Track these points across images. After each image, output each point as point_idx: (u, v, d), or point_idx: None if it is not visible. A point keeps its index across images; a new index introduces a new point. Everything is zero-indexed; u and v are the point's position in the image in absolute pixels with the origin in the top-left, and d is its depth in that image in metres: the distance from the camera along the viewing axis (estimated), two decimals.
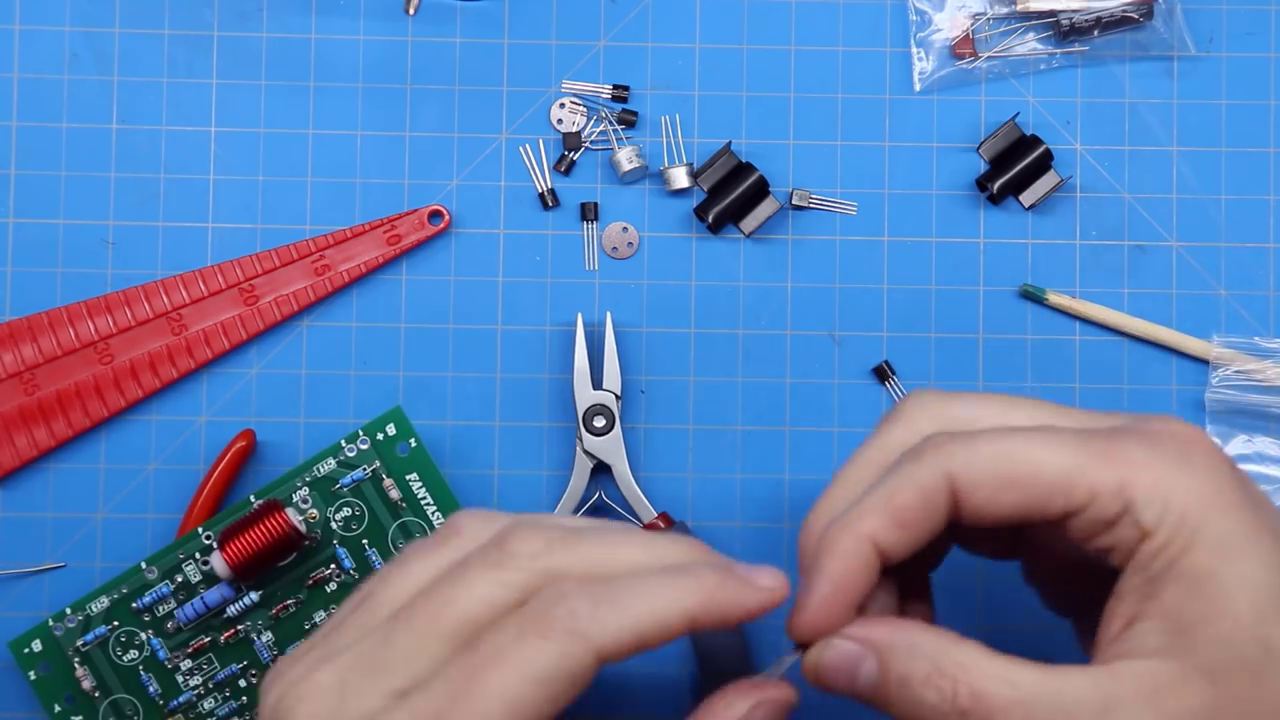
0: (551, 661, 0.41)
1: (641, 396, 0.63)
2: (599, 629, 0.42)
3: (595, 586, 0.42)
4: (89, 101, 0.63)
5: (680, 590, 0.42)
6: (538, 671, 0.41)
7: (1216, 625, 0.41)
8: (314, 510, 0.60)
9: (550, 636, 0.41)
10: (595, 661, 0.41)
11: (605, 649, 0.41)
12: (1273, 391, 0.62)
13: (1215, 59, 0.64)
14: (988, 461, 0.43)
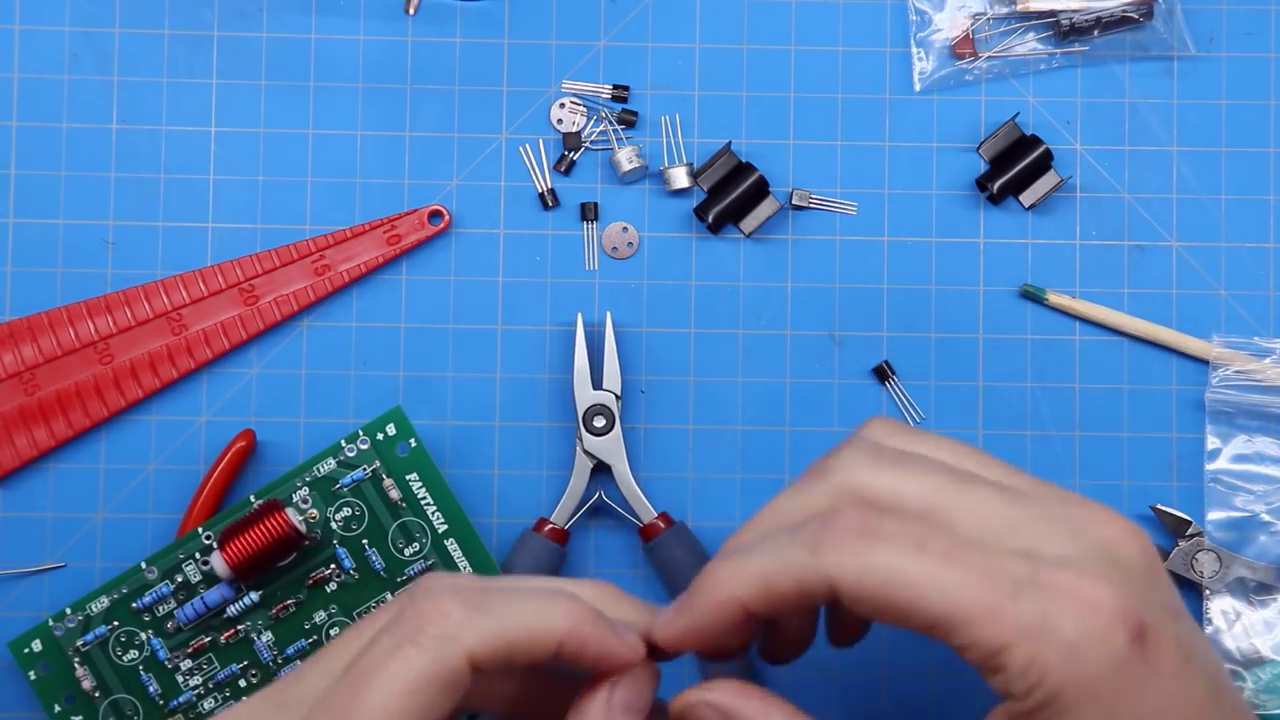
0: (425, 669, 0.42)
1: (641, 396, 0.63)
2: (471, 634, 0.42)
3: (469, 593, 0.43)
4: (89, 101, 0.63)
5: (554, 613, 0.44)
6: (411, 681, 0.42)
7: None
8: (314, 510, 0.60)
9: (421, 643, 0.42)
10: (468, 666, 0.42)
11: (477, 653, 0.42)
12: (1273, 391, 0.62)
13: (1215, 59, 0.64)
14: (875, 585, 0.41)
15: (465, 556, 0.60)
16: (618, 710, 0.45)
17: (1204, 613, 0.62)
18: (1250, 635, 0.61)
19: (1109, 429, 0.63)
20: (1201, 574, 0.61)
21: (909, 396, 0.63)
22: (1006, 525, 0.42)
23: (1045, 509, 0.43)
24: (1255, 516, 0.62)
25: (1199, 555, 0.61)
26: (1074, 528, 0.42)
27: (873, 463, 0.44)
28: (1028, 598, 0.40)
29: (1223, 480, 0.62)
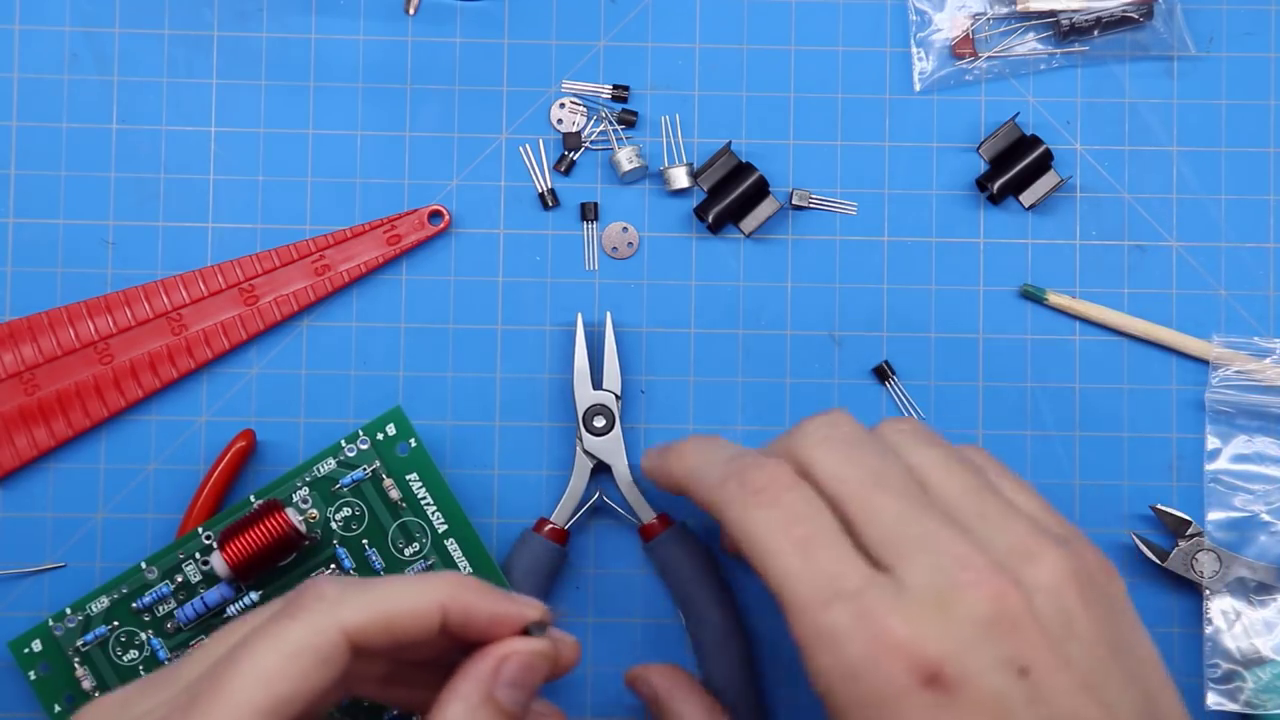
0: (299, 635, 0.43)
1: (641, 396, 0.63)
2: (346, 608, 0.44)
3: (352, 580, 0.45)
4: (89, 101, 0.63)
5: (431, 583, 0.46)
6: (286, 646, 0.43)
7: None
8: (314, 510, 0.60)
9: (298, 616, 0.43)
10: (343, 639, 0.43)
11: (351, 625, 0.43)
12: (1273, 391, 0.62)
13: (1215, 59, 0.64)
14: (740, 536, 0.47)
15: (465, 556, 0.60)
16: (503, 683, 0.45)
17: (1204, 613, 0.62)
18: (1250, 635, 0.61)
19: (1109, 429, 0.63)
20: (1201, 574, 0.61)
21: (909, 396, 0.63)
22: (887, 535, 0.45)
23: (934, 533, 0.44)
24: (1255, 516, 0.62)
25: (1199, 555, 0.61)
26: (940, 560, 0.43)
27: (823, 439, 0.48)
28: (838, 611, 0.43)
29: (1223, 480, 0.62)
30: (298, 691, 0.42)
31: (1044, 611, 0.43)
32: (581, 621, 0.62)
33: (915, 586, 0.43)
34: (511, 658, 0.46)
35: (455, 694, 0.45)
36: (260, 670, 0.42)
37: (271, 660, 0.42)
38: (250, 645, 0.43)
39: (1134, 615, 0.47)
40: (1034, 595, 0.43)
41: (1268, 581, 0.61)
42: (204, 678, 0.43)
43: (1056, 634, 0.43)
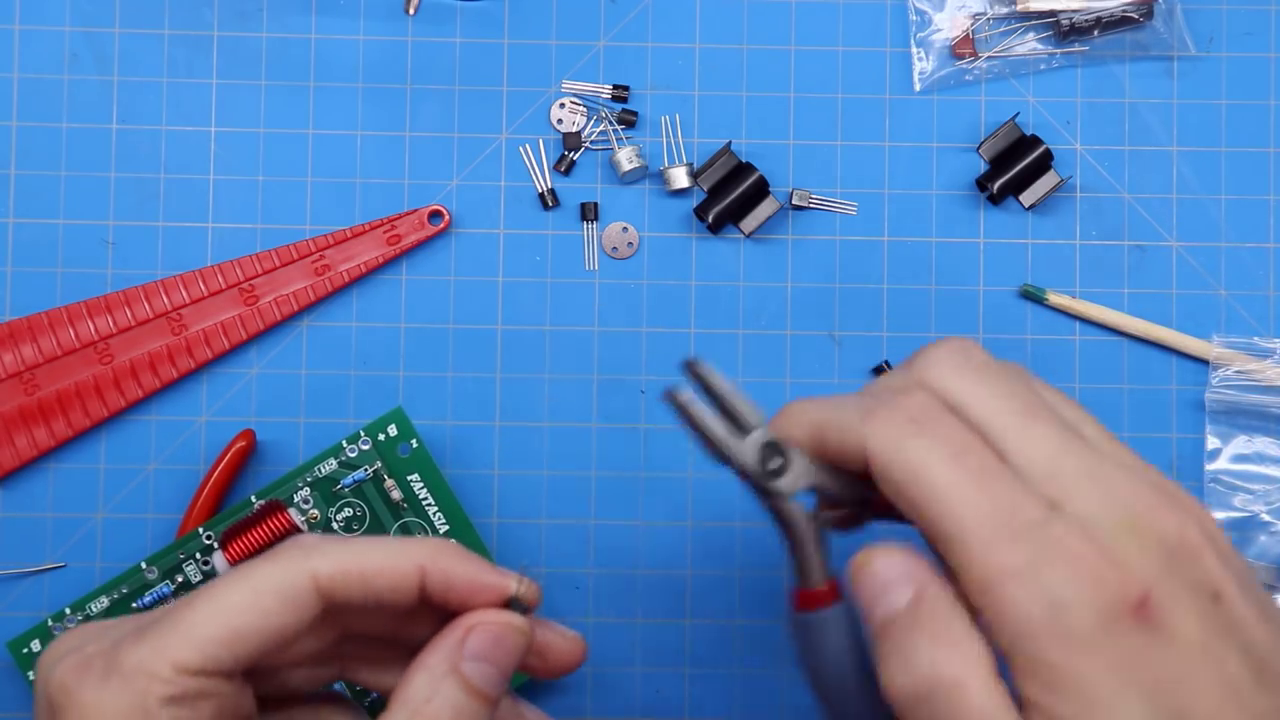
0: (267, 574, 0.43)
1: (641, 396, 0.63)
2: (321, 556, 0.43)
3: (333, 535, 0.45)
4: (89, 101, 0.63)
5: (413, 544, 0.45)
6: (253, 583, 0.42)
7: None
8: (315, 510, 0.60)
9: (272, 559, 0.43)
10: (313, 583, 0.43)
11: (323, 570, 0.43)
12: (1273, 391, 0.62)
13: (1215, 59, 0.64)
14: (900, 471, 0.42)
15: None
16: (470, 655, 0.44)
17: None
18: None
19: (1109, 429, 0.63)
20: None
21: None
22: (1050, 467, 0.42)
23: (1095, 464, 0.42)
24: (1255, 516, 0.62)
25: None
26: (1112, 490, 0.41)
27: (958, 365, 0.44)
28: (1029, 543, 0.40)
29: (1223, 480, 0.62)
30: (255, 628, 0.42)
31: (1207, 533, 0.41)
32: (582, 622, 0.62)
33: (1098, 517, 0.40)
34: (478, 628, 0.44)
35: (421, 664, 0.44)
36: (222, 602, 0.42)
37: (235, 595, 0.42)
38: (220, 581, 0.43)
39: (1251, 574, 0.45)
40: (1201, 525, 0.41)
41: (1268, 581, 0.61)
42: (174, 607, 0.43)
43: (1231, 563, 0.41)
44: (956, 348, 0.45)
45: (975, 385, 0.43)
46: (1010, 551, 0.40)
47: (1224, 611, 0.40)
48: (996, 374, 0.44)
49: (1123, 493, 0.41)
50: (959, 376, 0.44)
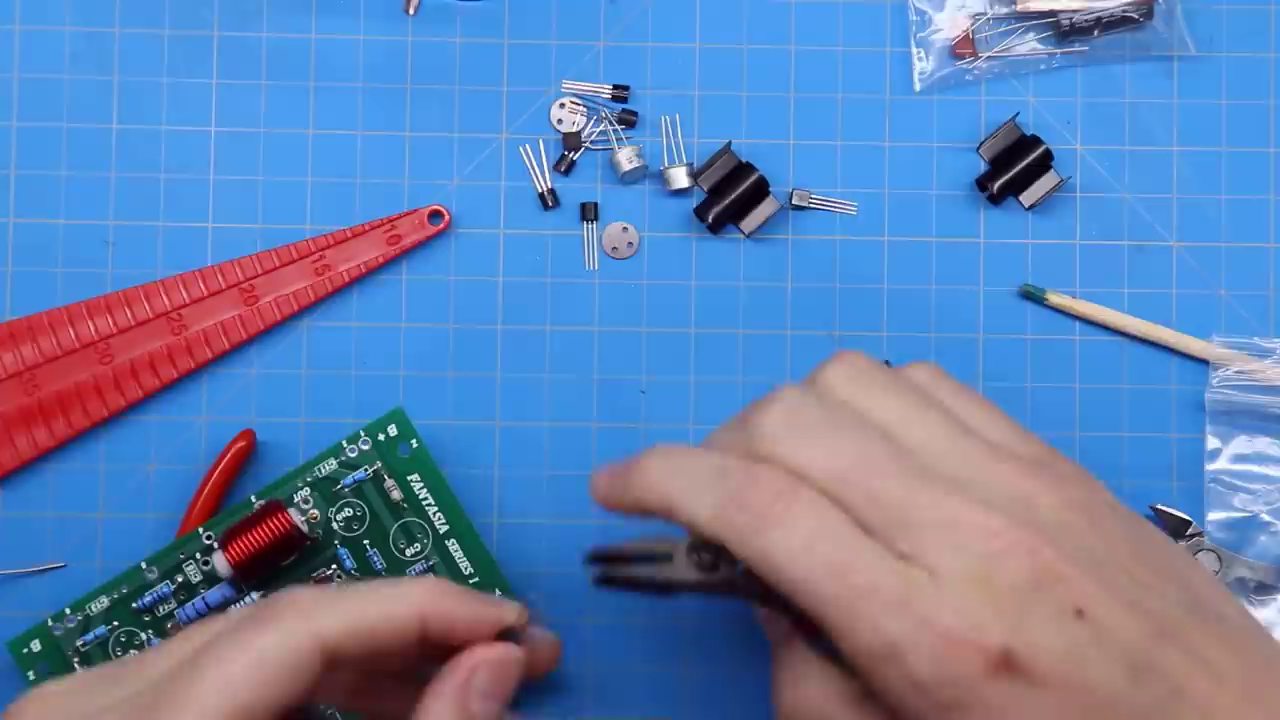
0: (270, 643, 0.42)
1: (642, 396, 0.63)
2: (321, 616, 0.43)
3: (325, 589, 0.44)
4: (89, 101, 0.63)
5: (410, 590, 0.44)
6: (256, 655, 0.42)
7: None
8: (315, 510, 0.60)
9: (270, 623, 0.42)
10: (317, 647, 0.42)
11: (327, 633, 0.42)
12: (1273, 391, 0.62)
13: (1215, 59, 0.64)
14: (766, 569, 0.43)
15: (466, 557, 0.60)
16: (476, 695, 0.45)
17: None
18: None
19: (1109, 429, 0.63)
20: None
21: None
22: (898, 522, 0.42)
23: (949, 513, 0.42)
24: (1255, 516, 0.62)
25: (1199, 555, 0.61)
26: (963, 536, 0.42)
27: (790, 427, 0.44)
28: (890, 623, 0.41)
29: (1223, 480, 0.62)
30: (263, 701, 0.41)
31: (1068, 549, 0.42)
32: (581, 622, 0.62)
33: (952, 571, 0.41)
34: (483, 667, 0.45)
35: (430, 709, 0.44)
36: (226, 677, 0.41)
37: (238, 669, 0.41)
38: (217, 650, 0.42)
39: (1124, 507, 0.45)
40: (1052, 533, 0.42)
41: (1268, 581, 0.61)
42: (168, 678, 0.42)
43: (1088, 566, 0.41)
44: (782, 408, 0.45)
45: (810, 449, 0.44)
46: (874, 635, 0.41)
47: (1090, 625, 0.41)
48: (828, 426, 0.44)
49: (974, 536, 0.41)
50: (795, 441, 0.44)
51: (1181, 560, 0.44)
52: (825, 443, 0.44)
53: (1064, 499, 0.43)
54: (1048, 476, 0.44)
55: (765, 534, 0.42)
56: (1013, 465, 0.44)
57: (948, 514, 0.42)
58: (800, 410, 0.45)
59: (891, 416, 0.45)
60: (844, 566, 0.42)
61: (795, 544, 0.42)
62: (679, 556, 0.45)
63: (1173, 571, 0.43)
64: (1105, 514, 0.43)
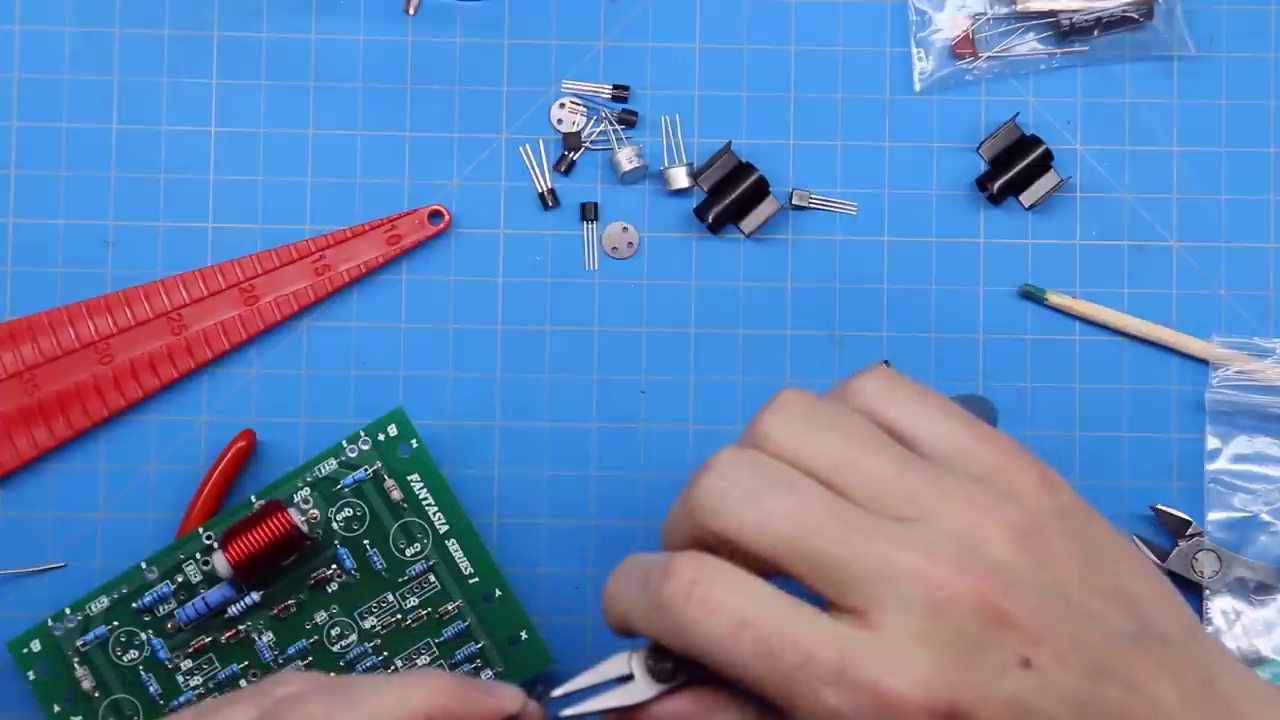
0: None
1: (642, 396, 0.63)
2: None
3: (332, 690, 0.43)
4: (89, 101, 0.63)
5: (413, 690, 0.44)
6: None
7: None
8: (315, 510, 0.60)
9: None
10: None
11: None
12: (1273, 391, 0.62)
13: (1215, 59, 0.64)
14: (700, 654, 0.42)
15: (466, 557, 0.60)
16: None
17: (1204, 613, 0.62)
18: (1250, 635, 0.61)
19: (1109, 429, 0.63)
20: (1201, 574, 0.61)
21: None
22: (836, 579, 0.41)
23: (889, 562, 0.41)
24: (1255, 516, 0.62)
25: (1199, 555, 0.61)
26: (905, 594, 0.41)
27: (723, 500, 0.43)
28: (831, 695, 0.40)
29: (1223, 480, 0.62)
30: None
31: (1015, 591, 0.41)
32: (581, 622, 0.62)
33: (893, 628, 0.40)
34: None
35: None
36: None
37: None
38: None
39: (1076, 507, 0.44)
40: (998, 576, 0.41)
41: (1268, 581, 0.61)
42: None
43: (1035, 604, 0.41)
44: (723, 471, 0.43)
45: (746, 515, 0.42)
46: (817, 707, 0.40)
47: (1035, 673, 0.40)
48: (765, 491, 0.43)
49: (917, 587, 0.41)
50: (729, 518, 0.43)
51: (1130, 571, 0.44)
52: (760, 509, 0.42)
53: (1013, 530, 0.42)
54: (997, 501, 0.42)
55: (690, 626, 0.41)
56: (961, 495, 0.42)
57: (890, 566, 0.41)
58: (733, 476, 0.43)
59: (832, 460, 0.43)
60: (774, 644, 0.41)
61: (721, 630, 0.41)
62: (639, 671, 0.44)
63: (1119, 592, 0.43)
64: (1055, 538, 0.42)
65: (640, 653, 0.44)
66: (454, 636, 0.60)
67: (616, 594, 0.44)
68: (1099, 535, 0.44)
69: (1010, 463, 0.44)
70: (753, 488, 0.43)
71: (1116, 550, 0.44)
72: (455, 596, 0.60)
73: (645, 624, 0.43)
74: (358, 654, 0.60)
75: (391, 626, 0.60)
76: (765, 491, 0.43)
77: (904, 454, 0.44)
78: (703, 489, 0.43)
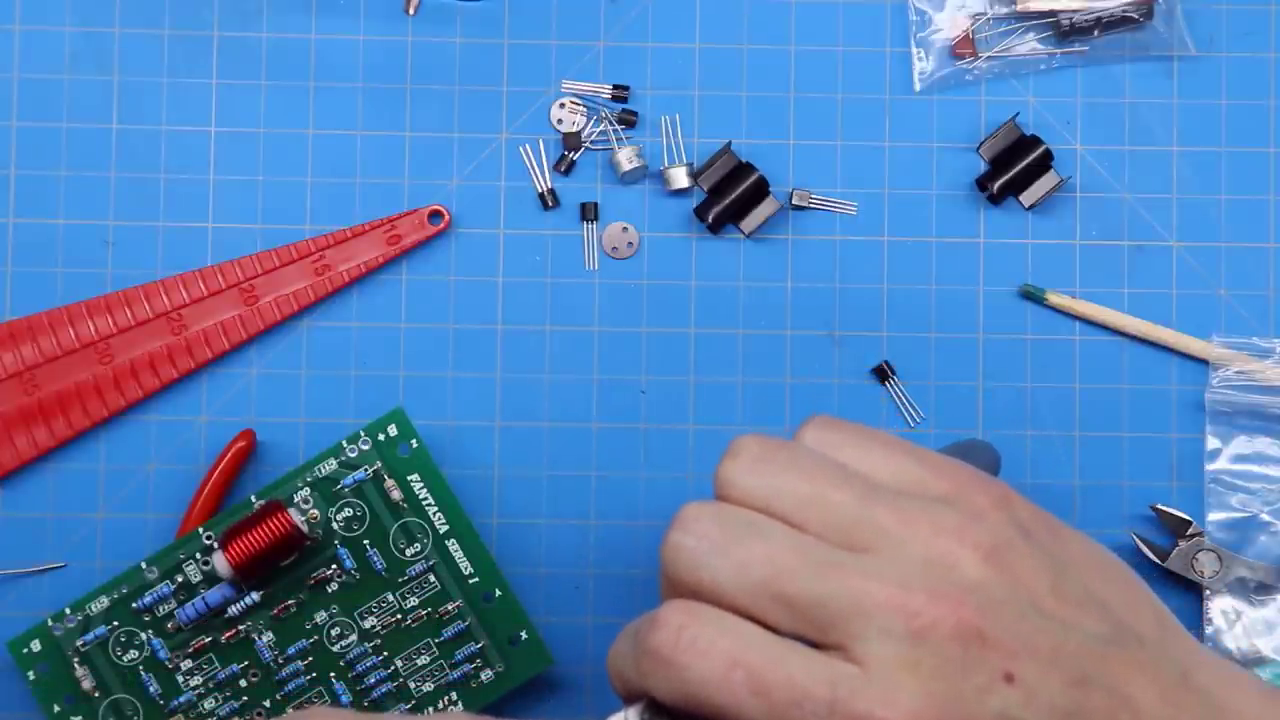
0: None
1: (642, 396, 0.63)
2: None
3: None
4: (89, 101, 0.63)
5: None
6: None
7: None
8: (315, 510, 0.60)
9: None
10: None
11: None
12: (1273, 391, 0.62)
13: (1215, 59, 0.64)
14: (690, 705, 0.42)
15: (466, 557, 0.60)
16: None
17: (1204, 613, 0.62)
18: (1250, 635, 0.62)
19: (1109, 429, 0.63)
20: (1201, 574, 0.61)
21: (909, 396, 0.63)
22: (816, 619, 0.42)
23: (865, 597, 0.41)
24: (1255, 516, 0.62)
25: (1199, 555, 0.61)
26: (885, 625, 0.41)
27: (695, 552, 0.43)
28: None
29: (1223, 480, 0.62)
30: None
31: (990, 609, 0.41)
32: (581, 622, 0.62)
33: (878, 661, 0.41)
34: None
35: None
36: None
37: None
38: None
39: (1044, 525, 0.44)
40: (972, 597, 0.41)
41: (1268, 581, 0.61)
42: None
43: (1012, 621, 0.41)
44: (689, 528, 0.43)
45: (718, 566, 0.43)
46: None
47: (1019, 688, 0.41)
48: (733, 540, 0.43)
49: (896, 618, 0.41)
50: (702, 559, 0.43)
51: (1098, 575, 0.44)
52: (731, 560, 0.42)
53: (981, 549, 0.42)
54: (961, 523, 0.43)
55: (682, 671, 0.41)
56: (925, 520, 0.43)
57: (866, 600, 0.41)
58: (700, 530, 0.43)
59: (796, 498, 0.44)
60: (765, 684, 0.41)
61: (712, 672, 0.41)
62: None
63: (1091, 597, 0.43)
64: (1022, 551, 0.43)
65: (636, 708, 0.44)
66: (454, 636, 0.60)
67: (613, 655, 0.45)
68: (1063, 543, 0.44)
69: (965, 485, 0.44)
70: (721, 540, 0.43)
71: (1082, 556, 0.44)
72: (455, 596, 0.60)
73: (638, 676, 0.43)
74: (358, 654, 0.60)
75: (391, 626, 0.60)
76: (733, 541, 0.43)
77: (864, 484, 0.44)
78: (672, 546, 0.43)
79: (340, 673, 0.60)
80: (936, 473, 0.45)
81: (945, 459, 0.45)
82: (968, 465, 0.45)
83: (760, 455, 0.45)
